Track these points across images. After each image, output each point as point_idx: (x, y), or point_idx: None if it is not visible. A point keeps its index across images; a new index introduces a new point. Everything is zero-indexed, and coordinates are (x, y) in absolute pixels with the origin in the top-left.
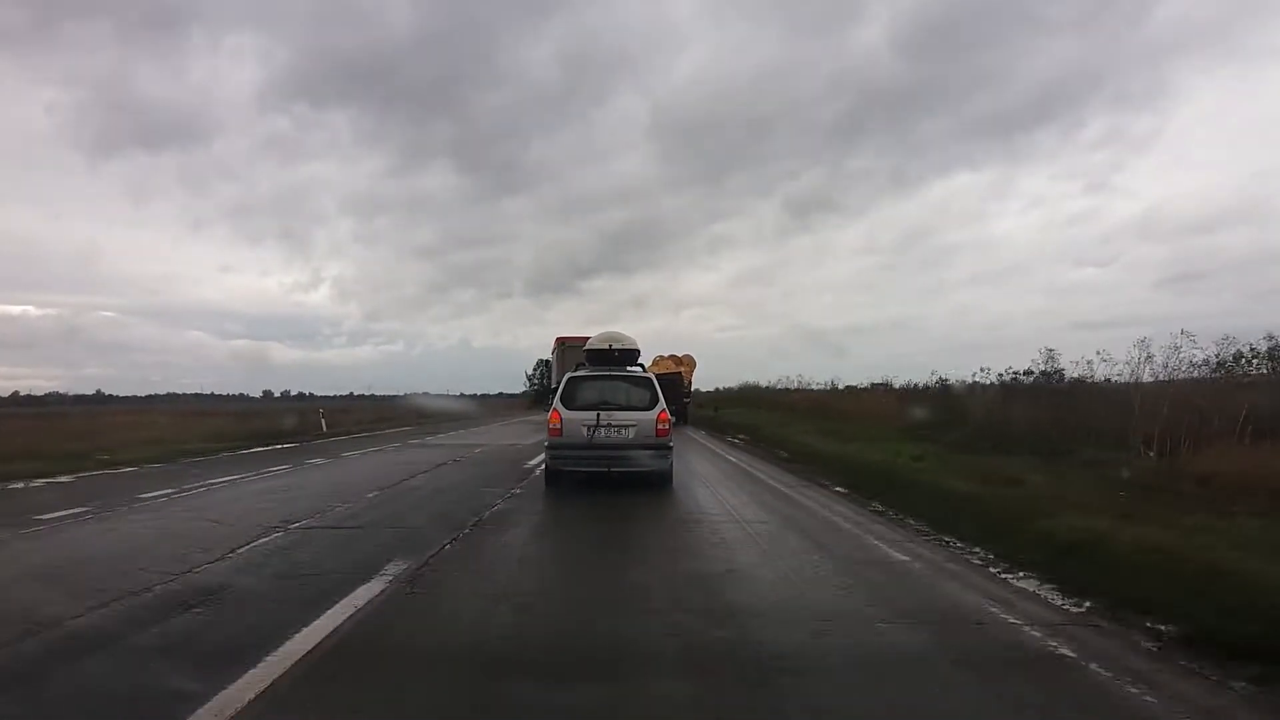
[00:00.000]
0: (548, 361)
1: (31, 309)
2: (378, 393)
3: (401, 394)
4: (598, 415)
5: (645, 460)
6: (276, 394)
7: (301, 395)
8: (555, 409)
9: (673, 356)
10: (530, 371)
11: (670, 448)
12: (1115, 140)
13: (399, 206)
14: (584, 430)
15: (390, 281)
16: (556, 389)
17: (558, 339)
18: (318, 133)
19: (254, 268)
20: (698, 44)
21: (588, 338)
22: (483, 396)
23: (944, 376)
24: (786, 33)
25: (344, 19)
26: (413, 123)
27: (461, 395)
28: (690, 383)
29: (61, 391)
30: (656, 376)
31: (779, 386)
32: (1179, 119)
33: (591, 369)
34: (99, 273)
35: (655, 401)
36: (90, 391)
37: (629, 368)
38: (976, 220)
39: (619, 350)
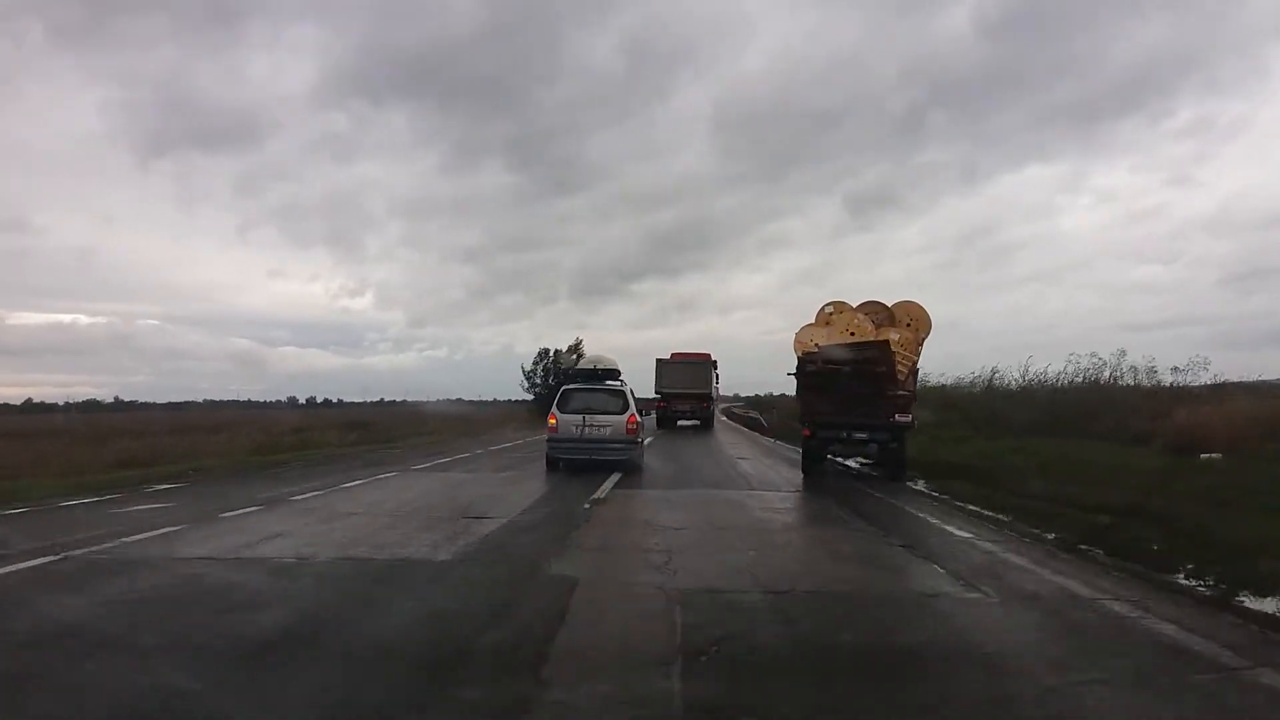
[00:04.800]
0: (547, 350)
1: (82, 317)
2: (409, 399)
3: (432, 400)
4: (584, 418)
5: (618, 451)
6: (300, 400)
7: (328, 402)
8: (553, 413)
9: (871, 306)
10: (529, 369)
11: (638, 442)
12: (1203, 129)
13: (448, 208)
14: (574, 429)
15: (435, 286)
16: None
17: (658, 359)
18: (373, 131)
19: (301, 273)
20: (768, 31)
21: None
22: (519, 403)
23: None
24: (865, 18)
25: (405, 11)
26: (469, 119)
27: (495, 401)
28: (916, 368)
29: (101, 399)
30: (819, 354)
31: (1077, 378)
32: (1272, 105)
33: (582, 383)
34: (146, 280)
35: (626, 407)
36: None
37: (609, 382)
38: (1043, 215)
39: (602, 370)
